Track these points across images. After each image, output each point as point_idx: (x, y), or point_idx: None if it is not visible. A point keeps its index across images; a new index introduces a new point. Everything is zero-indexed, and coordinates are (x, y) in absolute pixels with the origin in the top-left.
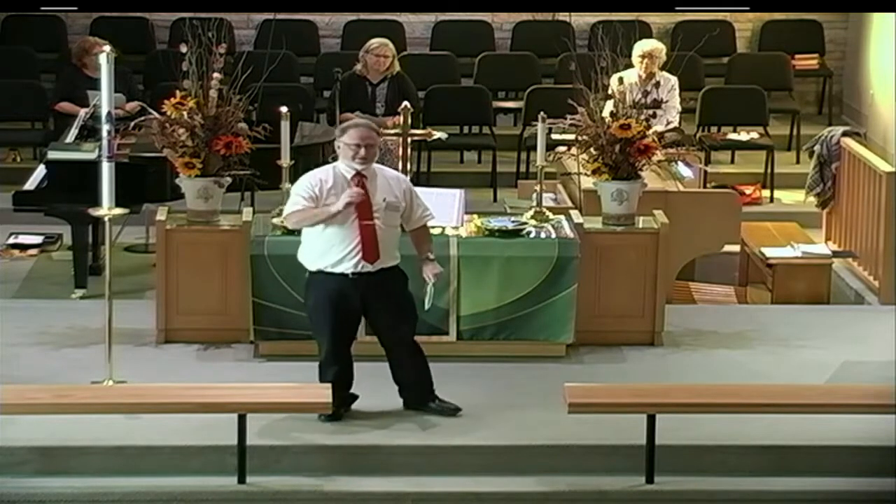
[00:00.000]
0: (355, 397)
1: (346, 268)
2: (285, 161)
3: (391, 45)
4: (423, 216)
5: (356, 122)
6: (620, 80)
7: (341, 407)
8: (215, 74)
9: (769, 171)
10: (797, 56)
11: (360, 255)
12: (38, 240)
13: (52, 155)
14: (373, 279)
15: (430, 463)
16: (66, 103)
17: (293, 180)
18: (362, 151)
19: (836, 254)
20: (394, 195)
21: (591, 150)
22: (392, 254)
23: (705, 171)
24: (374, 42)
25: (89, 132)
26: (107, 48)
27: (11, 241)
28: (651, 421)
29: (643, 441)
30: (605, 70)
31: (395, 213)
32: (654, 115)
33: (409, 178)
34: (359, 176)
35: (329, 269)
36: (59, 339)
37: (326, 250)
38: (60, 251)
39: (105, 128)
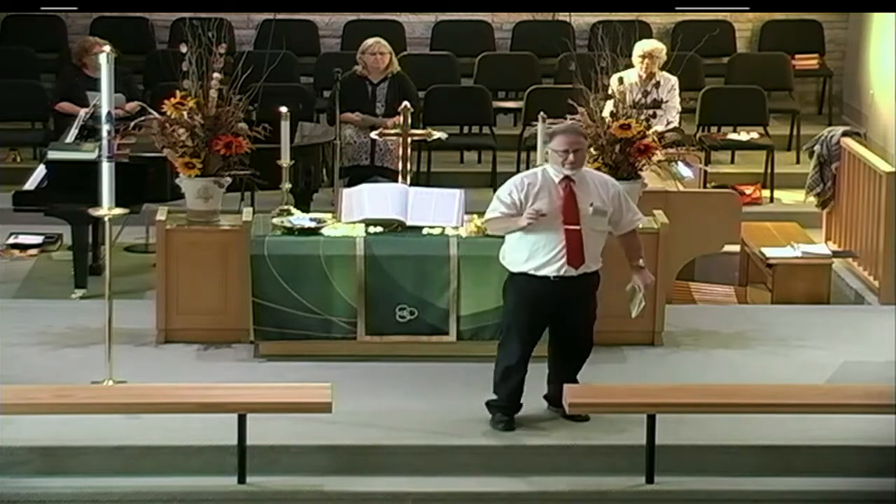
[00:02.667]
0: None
1: (550, 271)
2: (285, 161)
3: (385, 43)
4: (633, 221)
5: (563, 128)
6: (620, 80)
7: (515, 413)
8: (215, 74)
9: (769, 171)
10: (797, 56)
11: (564, 258)
12: (38, 240)
13: (52, 155)
14: (572, 283)
15: (430, 463)
16: (66, 103)
17: (293, 180)
18: (571, 157)
19: (836, 254)
20: (601, 200)
21: (591, 150)
22: (596, 258)
23: (705, 171)
24: (369, 42)
25: (89, 132)
26: (107, 48)
27: (11, 241)
28: (651, 421)
29: (643, 441)
30: (605, 70)
31: (601, 218)
32: (654, 115)
33: (409, 178)
34: (567, 180)
35: (533, 272)
36: (59, 339)
37: (532, 254)
38: (60, 251)
39: (105, 128)
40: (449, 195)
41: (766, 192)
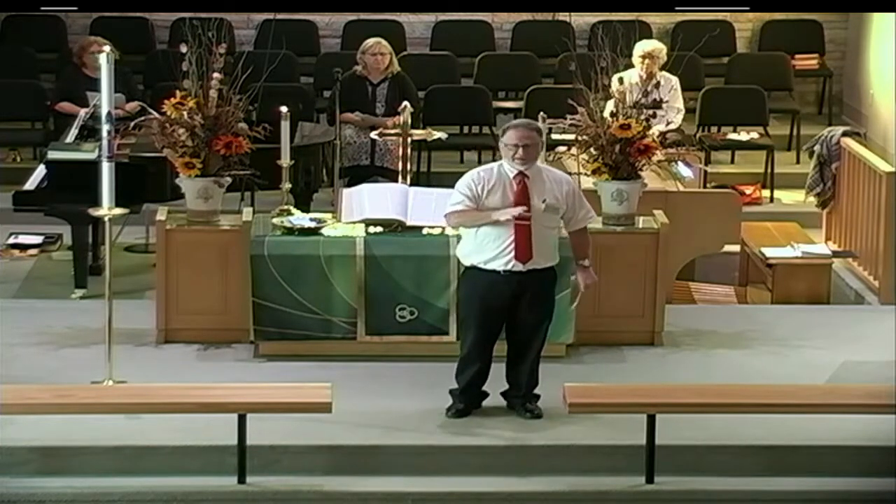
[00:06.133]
0: (486, 395)
1: (499, 265)
2: (285, 161)
3: (386, 43)
4: (585, 218)
5: (516, 123)
6: (621, 81)
7: (472, 405)
8: (215, 74)
9: (769, 171)
10: (797, 56)
11: (512, 253)
12: (38, 240)
13: (52, 155)
14: (524, 278)
15: (430, 463)
16: (66, 103)
17: (293, 180)
18: (520, 152)
19: (836, 254)
20: (554, 197)
21: (591, 150)
22: (547, 255)
23: (705, 171)
24: (369, 42)
25: (89, 132)
26: (107, 48)
27: (11, 241)
28: (651, 421)
29: (643, 441)
30: (605, 70)
31: (553, 215)
32: (654, 116)
33: (409, 178)
34: (521, 175)
35: (482, 266)
36: (59, 339)
37: (481, 247)
38: (60, 251)
39: (105, 128)
40: (449, 195)
41: (766, 192)
